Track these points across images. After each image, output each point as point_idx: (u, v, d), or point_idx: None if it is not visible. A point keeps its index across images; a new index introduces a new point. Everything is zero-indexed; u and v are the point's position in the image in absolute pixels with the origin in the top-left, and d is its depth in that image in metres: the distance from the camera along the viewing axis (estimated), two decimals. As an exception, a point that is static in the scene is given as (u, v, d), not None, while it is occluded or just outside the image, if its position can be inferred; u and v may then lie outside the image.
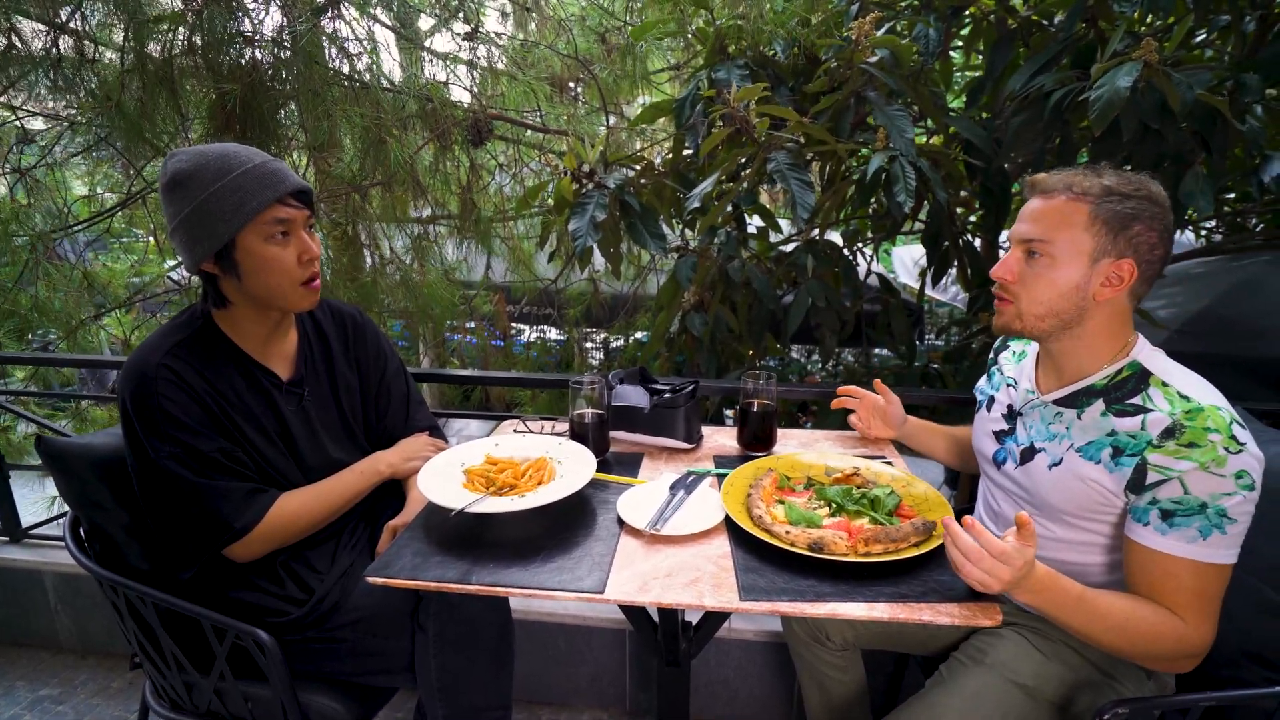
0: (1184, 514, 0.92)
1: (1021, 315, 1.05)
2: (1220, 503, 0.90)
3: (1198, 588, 0.93)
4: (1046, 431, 1.09)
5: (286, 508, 1.18)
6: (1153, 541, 0.94)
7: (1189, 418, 0.92)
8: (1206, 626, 0.93)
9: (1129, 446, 0.97)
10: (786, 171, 1.88)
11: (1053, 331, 1.04)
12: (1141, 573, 0.96)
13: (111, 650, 2.10)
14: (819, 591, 0.90)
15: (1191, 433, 0.91)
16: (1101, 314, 1.02)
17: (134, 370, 1.11)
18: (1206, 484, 0.90)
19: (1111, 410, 1.01)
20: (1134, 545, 0.97)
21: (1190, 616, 0.92)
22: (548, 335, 5.04)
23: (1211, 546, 0.91)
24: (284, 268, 1.13)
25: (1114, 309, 1.02)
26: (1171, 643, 0.92)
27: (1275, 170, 1.85)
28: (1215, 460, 0.90)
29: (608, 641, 1.83)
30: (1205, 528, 0.91)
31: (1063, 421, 1.07)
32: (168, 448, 1.10)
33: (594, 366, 5.93)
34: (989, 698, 1.06)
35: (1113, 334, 1.04)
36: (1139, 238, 0.97)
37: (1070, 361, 1.07)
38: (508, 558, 0.99)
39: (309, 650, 1.20)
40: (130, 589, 1.11)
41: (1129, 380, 1.01)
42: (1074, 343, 1.05)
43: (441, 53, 2.53)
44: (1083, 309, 1.01)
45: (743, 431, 1.38)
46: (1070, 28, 2.01)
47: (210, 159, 1.09)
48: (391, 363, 1.44)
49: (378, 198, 2.44)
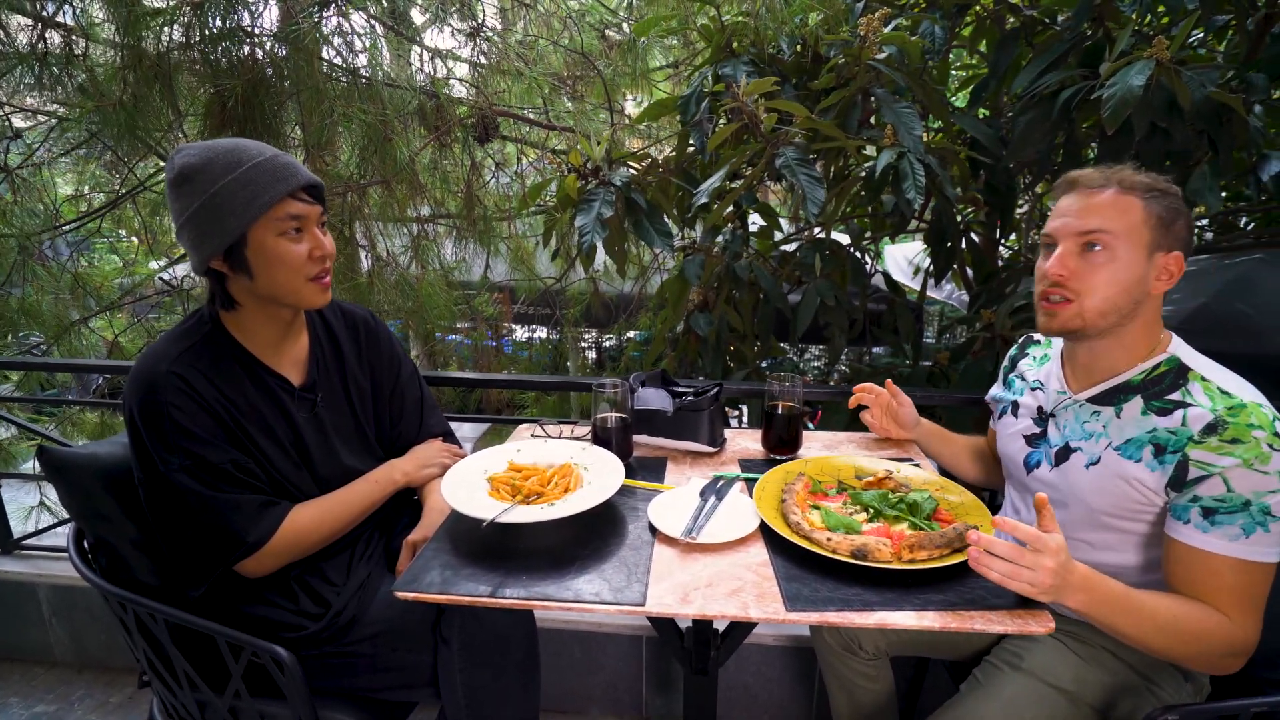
0: (1226, 511, 0.91)
1: (1084, 313, 1.01)
2: (1264, 500, 0.89)
3: (1242, 586, 0.92)
4: (1082, 431, 1.08)
5: (300, 520, 1.14)
6: (1195, 540, 0.93)
7: (1231, 414, 0.91)
8: (1252, 624, 0.92)
9: (1170, 443, 0.96)
10: (796, 167, 1.86)
11: (1109, 328, 1.02)
12: (1184, 571, 0.95)
13: (109, 664, 2.04)
14: (865, 600, 0.87)
15: (1235, 429, 0.90)
16: (1149, 309, 1.02)
17: (141, 379, 1.07)
18: (1250, 481, 0.90)
19: (1151, 407, 1.00)
20: (1175, 544, 0.96)
21: (1236, 614, 0.91)
22: (537, 335, 5.00)
23: (1255, 544, 0.90)
24: (296, 263, 1.10)
25: (1155, 305, 1.02)
26: (1219, 641, 0.91)
27: (1274, 169, 1.86)
28: (1259, 457, 0.89)
29: (624, 648, 1.80)
30: (1248, 525, 0.90)
31: (1099, 420, 1.06)
32: (177, 459, 1.06)
33: (590, 367, 5.89)
34: (1029, 703, 1.04)
35: (1150, 330, 1.04)
36: (1184, 232, 0.99)
37: (1104, 359, 1.06)
38: (541, 568, 0.96)
39: (326, 666, 1.16)
40: (140, 605, 1.07)
41: (1167, 375, 1.00)
42: (1114, 340, 1.04)
43: (442, 49, 2.48)
44: (1138, 303, 1.00)
45: (768, 434, 1.35)
46: (1077, 27, 2.01)
47: (220, 153, 1.06)
48: (405, 367, 1.40)
49: (375, 196, 2.38)
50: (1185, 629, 0.91)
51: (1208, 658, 0.94)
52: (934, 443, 1.41)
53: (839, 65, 2.08)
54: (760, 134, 1.93)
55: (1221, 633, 0.91)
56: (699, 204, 1.99)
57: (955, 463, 1.39)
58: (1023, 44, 2.21)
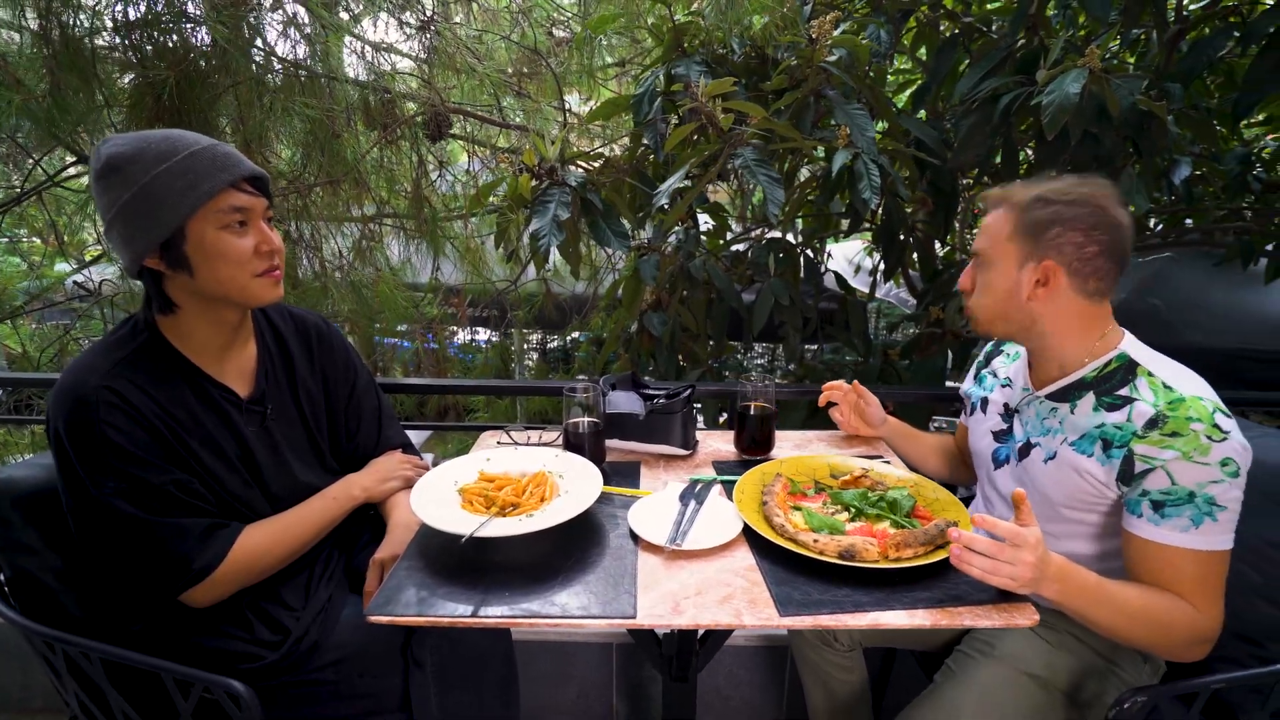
0: (1174, 504, 0.95)
1: (977, 321, 1.14)
2: (1207, 490, 0.93)
3: (1199, 575, 0.96)
4: (1041, 426, 1.12)
5: (251, 542, 1.06)
6: (1148, 533, 0.97)
7: (1171, 408, 0.95)
8: (1216, 612, 0.96)
9: (1116, 438, 1.00)
10: (755, 167, 1.86)
11: (1013, 334, 1.12)
12: (1144, 564, 0.99)
13: (27, 706, 1.85)
14: (856, 601, 0.88)
15: (1174, 422, 0.94)
16: (1050, 314, 1.06)
17: (69, 394, 0.97)
18: (1191, 473, 0.93)
19: (1102, 404, 1.04)
20: (1131, 537, 0.99)
21: (1199, 603, 0.95)
22: (480, 338, 4.88)
23: (1205, 534, 0.94)
24: (241, 258, 1.02)
25: (1064, 308, 1.05)
26: (1186, 629, 0.95)
27: (1184, 173, 2.00)
28: (1198, 449, 0.93)
29: (594, 657, 1.76)
30: (1196, 516, 0.94)
31: (1056, 416, 1.10)
32: (112, 482, 0.96)
33: (530, 369, 5.80)
34: (1003, 689, 1.07)
35: (1079, 331, 1.07)
36: (1059, 239, 1.02)
37: (1048, 359, 1.11)
38: (522, 584, 0.92)
39: (286, 696, 1.08)
40: (71, 644, 0.97)
41: (1117, 372, 1.04)
42: (1041, 342, 1.10)
43: (391, 43, 2.38)
44: (1027, 311, 1.07)
45: (740, 435, 1.35)
46: (1013, 35, 2.10)
47: (153, 141, 0.98)
48: (361, 376, 1.32)
49: (321, 195, 2.26)
50: (1154, 618, 0.95)
51: (1176, 645, 0.98)
52: (900, 441, 1.44)
53: (791, 67, 2.10)
54: (719, 134, 1.93)
55: (1188, 621, 0.95)
56: (659, 204, 1.98)
57: (921, 460, 1.43)
58: (961, 50, 2.30)
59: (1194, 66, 1.99)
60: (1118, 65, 2.36)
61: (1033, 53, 2.01)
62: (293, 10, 2.00)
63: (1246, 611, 1.09)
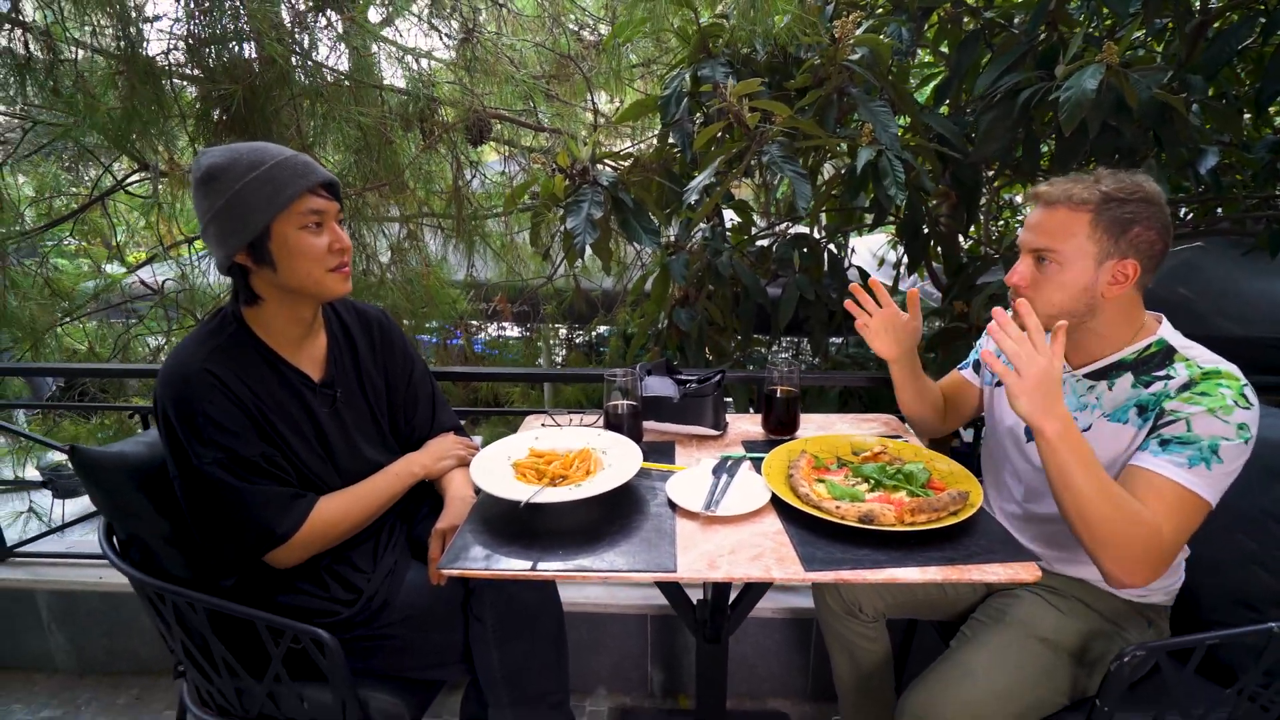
0: (1179, 444, 1.02)
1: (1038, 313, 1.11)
2: (1217, 441, 1.00)
3: (1176, 505, 0.99)
4: (1077, 402, 1.19)
5: (326, 511, 1.19)
6: (1145, 461, 1.04)
7: (1205, 377, 1.03)
8: (1173, 542, 0.99)
9: (1150, 403, 1.07)
10: (782, 164, 1.95)
11: (1077, 322, 1.14)
12: (1128, 482, 1.03)
13: (111, 669, 2.04)
14: (875, 559, 0.97)
15: (1205, 384, 1.02)
16: (1111, 307, 1.12)
17: (174, 376, 1.10)
18: (1209, 425, 1.00)
19: (1140, 382, 1.11)
20: (1129, 467, 1.06)
21: (1167, 528, 0.99)
22: (507, 333, 5.01)
23: (1196, 475, 1.00)
24: (317, 255, 1.15)
25: (1123, 300, 1.12)
26: (1145, 536, 0.97)
27: (1210, 163, 2.03)
28: (1223, 408, 1.00)
29: (630, 627, 1.87)
30: (1194, 458, 1.00)
31: (1094, 393, 1.17)
32: (211, 453, 1.09)
33: (562, 362, 5.93)
34: (1013, 651, 1.15)
35: (1125, 320, 1.14)
36: (1139, 238, 1.07)
37: (1089, 343, 1.17)
38: (574, 544, 1.03)
39: (358, 648, 1.21)
40: (179, 595, 1.10)
41: (1156, 355, 1.11)
42: (1088, 332, 1.15)
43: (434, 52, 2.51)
44: (1093, 305, 1.11)
45: (768, 417, 1.44)
46: (1033, 30, 2.15)
47: (243, 153, 1.11)
48: (418, 365, 1.45)
49: (372, 198, 2.40)
50: (1124, 507, 0.98)
51: (1131, 549, 0.98)
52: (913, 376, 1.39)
53: (814, 66, 2.18)
54: (746, 132, 2.02)
55: (1149, 530, 0.97)
56: (689, 201, 2.07)
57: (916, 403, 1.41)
58: (982, 45, 2.35)
59: (1217, 57, 2.01)
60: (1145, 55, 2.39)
61: (1053, 47, 2.06)
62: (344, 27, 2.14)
63: (1245, 578, 1.15)
